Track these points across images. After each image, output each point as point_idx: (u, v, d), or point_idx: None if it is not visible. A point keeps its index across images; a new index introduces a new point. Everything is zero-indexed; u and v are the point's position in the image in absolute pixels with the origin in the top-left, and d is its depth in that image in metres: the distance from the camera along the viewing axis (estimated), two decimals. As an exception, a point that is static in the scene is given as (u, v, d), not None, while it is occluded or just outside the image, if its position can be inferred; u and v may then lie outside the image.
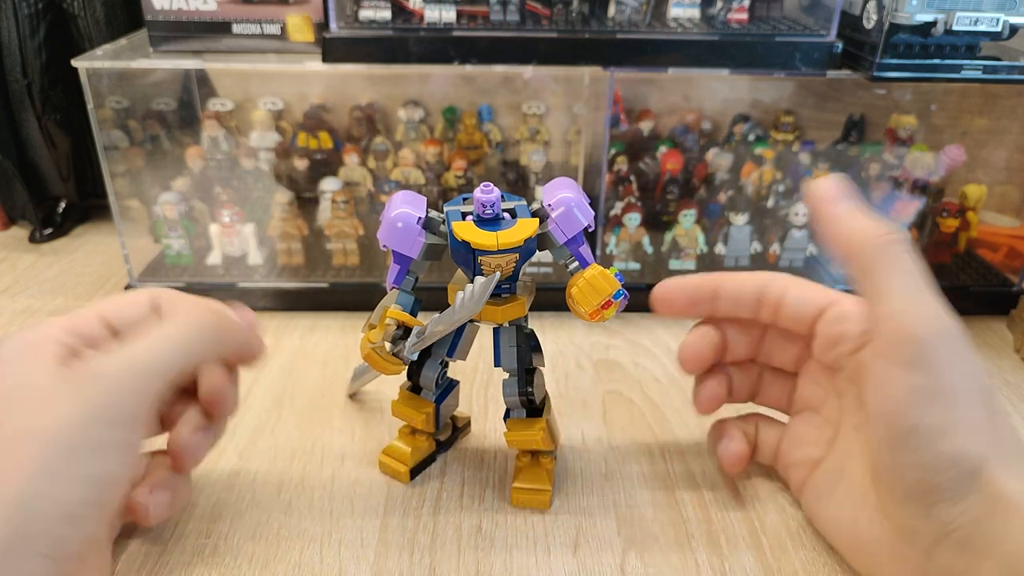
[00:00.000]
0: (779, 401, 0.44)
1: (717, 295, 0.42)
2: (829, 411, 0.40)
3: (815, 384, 0.41)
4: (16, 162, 0.71)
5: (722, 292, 0.42)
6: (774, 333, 0.43)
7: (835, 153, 0.67)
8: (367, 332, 0.38)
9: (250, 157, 0.66)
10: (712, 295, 0.42)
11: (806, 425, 0.42)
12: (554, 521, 0.42)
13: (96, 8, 0.67)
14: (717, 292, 0.42)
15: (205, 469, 0.45)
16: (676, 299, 0.42)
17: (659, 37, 0.56)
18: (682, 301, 0.42)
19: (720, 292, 0.42)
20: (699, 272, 0.57)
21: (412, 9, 0.57)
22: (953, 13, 0.51)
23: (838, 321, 0.39)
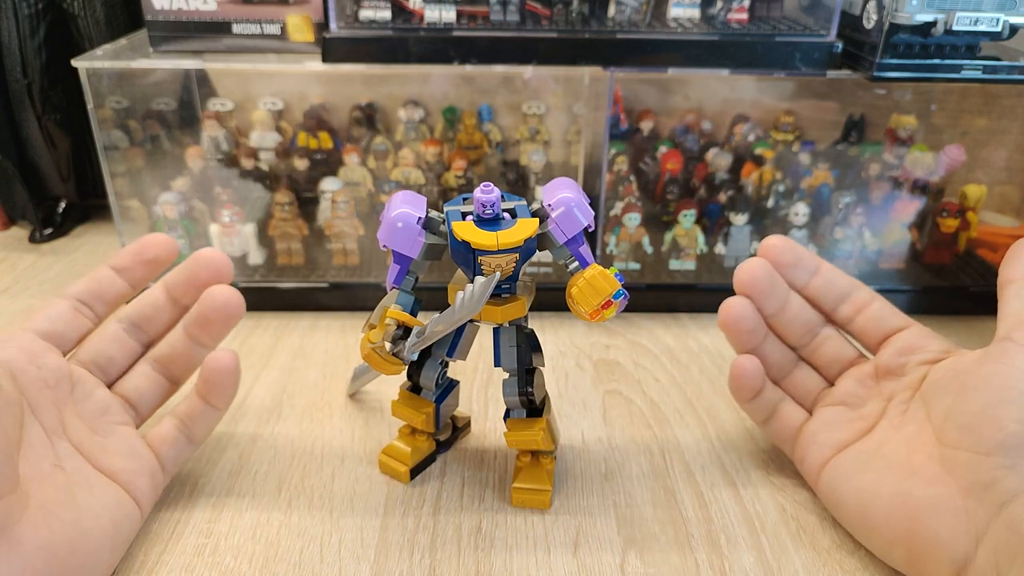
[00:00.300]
0: (806, 394, 0.46)
1: (818, 271, 0.45)
2: (869, 411, 0.43)
3: (860, 385, 0.44)
4: (16, 162, 0.71)
5: (822, 270, 0.45)
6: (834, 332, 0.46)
7: (835, 153, 0.67)
8: (367, 332, 0.38)
9: (250, 157, 0.66)
10: (814, 268, 0.45)
11: (838, 415, 0.43)
12: (554, 521, 0.42)
13: (96, 8, 0.67)
14: (819, 268, 0.45)
15: (205, 469, 0.45)
16: (786, 254, 0.45)
17: (659, 37, 0.56)
18: (790, 256, 0.45)
19: (821, 270, 0.45)
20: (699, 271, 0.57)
21: (412, 9, 0.57)
22: (953, 13, 0.51)
23: (921, 337, 0.43)
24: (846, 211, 0.65)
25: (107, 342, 0.42)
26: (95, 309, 0.42)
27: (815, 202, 0.65)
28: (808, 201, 0.64)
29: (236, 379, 0.44)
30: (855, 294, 0.45)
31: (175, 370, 0.44)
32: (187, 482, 0.44)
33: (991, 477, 0.35)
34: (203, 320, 0.43)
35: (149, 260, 0.44)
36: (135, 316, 0.43)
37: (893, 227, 0.66)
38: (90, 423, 0.39)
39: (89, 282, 0.43)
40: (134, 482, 0.39)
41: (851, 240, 0.65)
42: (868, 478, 0.40)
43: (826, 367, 0.46)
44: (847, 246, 0.65)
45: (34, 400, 0.37)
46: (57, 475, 0.36)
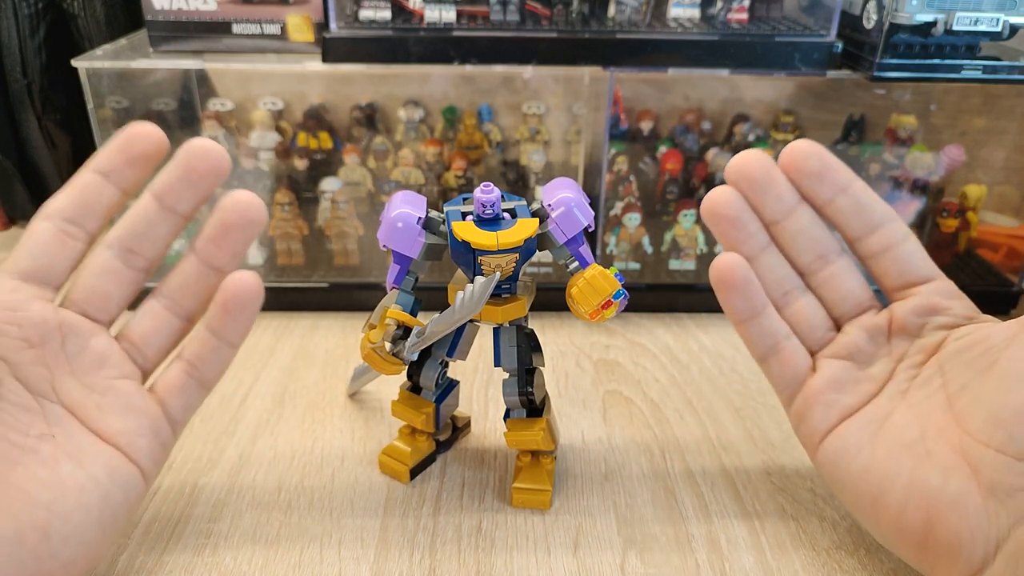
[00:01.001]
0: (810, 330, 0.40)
1: (848, 189, 0.39)
2: (877, 370, 0.39)
3: (870, 339, 0.39)
4: (16, 162, 0.71)
5: (852, 190, 0.39)
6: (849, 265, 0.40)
7: (835, 153, 0.67)
8: (367, 332, 0.38)
9: (250, 157, 0.66)
10: (844, 185, 0.39)
11: (846, 373, 0.39)
12: (554, 521, 0.42)
13: (96, 8, 0.67)
14: (850, 186, 0.39)
15: (205, 469, 0.45)
16: (810, 160, 0.39)
17: (659, 37, 0.56)
18: (815, 163, 0.39)
19: (851, 189, 0.39)
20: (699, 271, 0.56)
21: (412, 9, 0.57)
22: (953, 13, 0.51)
23: (945, 295, 0.38)
24: (846, 211, 0.65)
25: (99, 275, 0.36)
26: (86, 227, 0.36)
27: (815, 202, 0.65)
28: (808, 201, 0.64)
29: (257, 305, 0.38)
30: (887, 227, 0.39)
31: (186, 303, 0.38)
32: (187, 482, 0.44)
33: (1019, 483, 0.32)
34: (222, 231, 0.37)
35: (138, 156, 0.37)
36: (127, 238, 0.37)
37: (893, 227, 0.66)
38: (84, 380, 0.35)
39: (73, 193, 0.36)
40: (135, 443, 0.35)
41: (851, 240, 0.65)
42: (879, 457, 0.36)
43: (836, 304, 0.40)
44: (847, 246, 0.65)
45: (16, 363, 0.33)
46: (43, 447, 0.32)
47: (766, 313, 0.40)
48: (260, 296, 0.38)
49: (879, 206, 0.39)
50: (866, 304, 0.40)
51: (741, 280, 0.39)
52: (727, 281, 0.39)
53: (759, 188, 0.39)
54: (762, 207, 0.39)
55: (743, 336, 0.41)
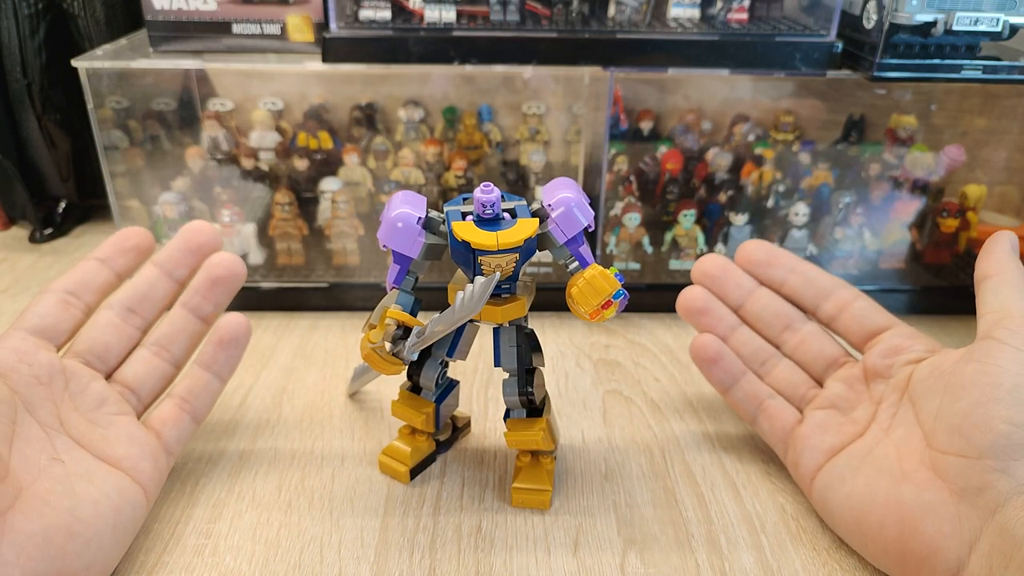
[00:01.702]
0: (793, 391, 0.46)
1: (795, 269, 0.47)
2: (859, 414, 0.43)
3: (849, 388, 0.44)
4: (16, 162, 0.71)
5: (799, 269, 0.47)
6: (816, 329, 0.46)
7: (835, 153, 0.67)
8: (367, 332, 0.38)
9: (250, 157, 0.66)
10: (790, 267, 0.47)
11: (830, 419, 0.43)
12: (554, 521, 0.42)
13: (96, 8, 0.67)
14: (795, 267, 0.47)
15: (205, 468, 0.45)
16: (758, 251, 0.48)
17: (659, 37, 0.56)
18: (762, 255, 0.47)
19: (798, 269, 0.47)
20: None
21: (412, 9, 0.57)
22: (953, 13, 0.51)
23: (905, 337, 0.43)
24: (846, 211, 0.65)
25: (101, 330, 0.42)
26: (83, 299, 0.42)
27: (815, 202, 0.65)
28: (808, 201, 0.64)
29: (246, 343, 0.45)
30: (837, 292, 0.46)
31: (175, 350, 0.44)
32: (187, 482, 0.44)
33: (983, 481, 0.34)
34: (209, 284, 0.44)
35: (130, 248, 0.44)
36: (128, 300, 0.43)
37: (893, 227, 0.66)
38: (88, 416, 0.39)
39: (74, 273, 0.43)
40: (137, 467, 0.39)
41: (851, 240, 0.65)
42: (860, 484, 0.39)
43: (811, 364, 0.46)
44: (847, 246, 0.65)
45: (28, 397, 0.37)
46: (55, 468, 0.36)
47: (746, 379, 0.46)
48: (249, 335, 0.45)
49: (825, 278, 0.46)
50: (840, 359, 0.45)
51: (714, 354, 0.46)
52: (703, 356, 0.47)
53: (719, 281, 0.48)
54: (725, 295, 0.47)
55: (731, 405, 0.47)
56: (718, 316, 0.47)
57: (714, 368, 0.47)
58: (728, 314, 0.47)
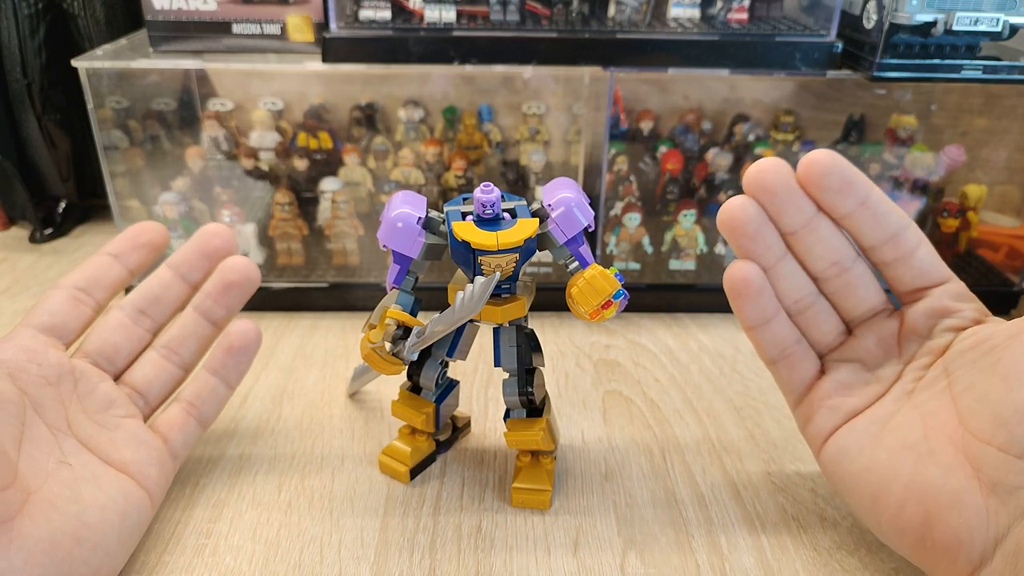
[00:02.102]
0: (820, 335, 0.41)
1: (867, 202, 0.38)
2: (886, 372, 0.39)
3: (880, 342, 0.40)
4: (16, 162, 0.71)
5: (871, 202, 0.38)
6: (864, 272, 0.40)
7: (835, 153, 0.67)
8: (367, 332, 0.38)
9: (250, 157, 0.66)
10: (863, 198, 0.38)
11: (854, 376, 0.40)
12: (554, 521, 0.42)
13: (96, 8, 0.67)
14: (868, 199, 0.38)
15: (205, 468, 0.45)
16: (831, 176, 0.38)
17: (659, 37, 0.56)
18: (836, 179, 0.38)
19: (870, 201, 0.38)
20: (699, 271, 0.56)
21: (412, 9, 0.57)
22: (953, 13, 0.51)
23: (956, 298, 0.39)
24: (846, 211, 0.65)
25: (111, 331, 0.42)
26: (95, 296, 0.42)
27: (815, 202, 0.65)
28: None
29: (256, 351, 0.44)
30: (902, 235, 0.39)
31: (184, 354, 0.43)
32: (187, 482, 0.44)
33: (1020, 481, 0.32)
34: (223, 288, 0.43)
35: (144, 244, 0.43)
36: (139, 301, 0.43)
37: (893, 227, 0.66)
38: (95, 418, 0.39)
39: (85, 269, 0.42)
40: (143, 471, 0.39)
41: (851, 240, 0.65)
42: (881, 456, 0.36)
43: (849, 309, 0.41)
44: (847, 246, 0.65)
45: (36, 398, 0.37)
46: (63, 471, 0.35)
47: (777, 320, 0.40)
48: (259, 342, 0.45)
49: (895, 215, 0.39)
50: (879, 308, 0.40)
51: (755, 290, 0.39)
52: (740, 291, 0.40)
53: (778, 201, 0.38)
54: (780, 219, 0.39)
55: (753, 341, 0.41)
56: (766, 244, 0.39)
57: (749, 305, 0.40)
58: (776, 241, 0.39)
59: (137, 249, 0.43)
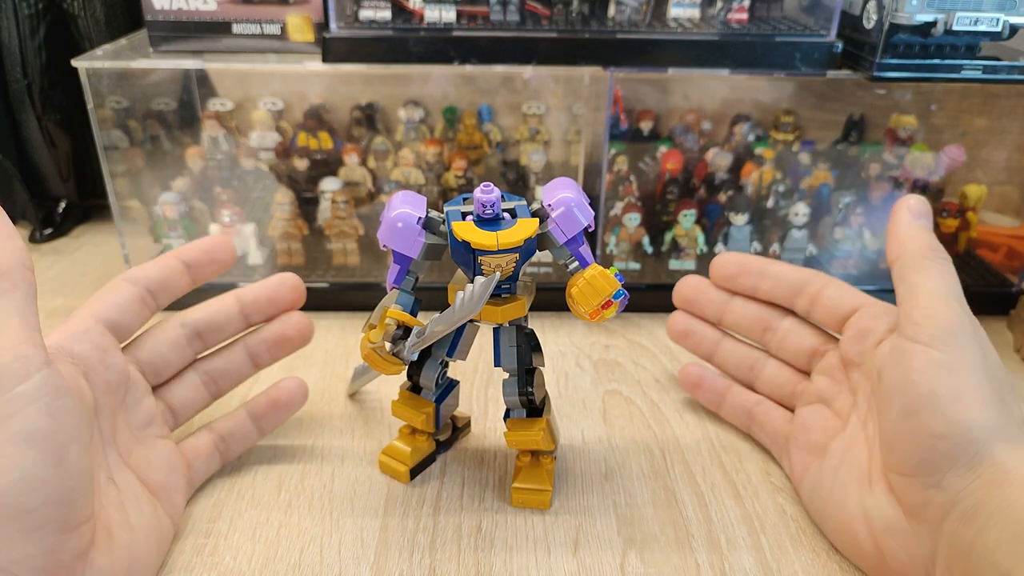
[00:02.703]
0: (781, 391, 0.46)
1: (764, 273, 0.47)
2: (840, 405, 0.42)
3: (831, 379, 0.43)
4: (16, 162, 0.71)
5: (769, 272, 0.47)
6: (794, 324, 0.46)
7: (835, 153, 0.67)
8: (367, 332, 0.38)
9: (250, 157, 0.66)
10: (760, 272, 0.47)
11: (815, 415, 0.43)
12: (554, 521, 0.42)
13: (96, 8, 0.67)
14: (765, 271, 0.47)
15: (205, 469, 0.45)
16: (728, 264, 0.48)
17: (659, 37, 0.56)
18: (733, 268, 0.48)
19: (767, 272, 0.47)
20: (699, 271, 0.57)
21: (412, 9, 0.57)
22: (953, 13, 0.51)
23: (871, 317, 0.41)
24: (846, 211, 0.65)
25: (168, 346, 0.41)
26: (159, 300, 0.41)
27: (815, 202, 0.65)
28: (808, 201, 0.64)
29: (298, 410, 0.46)
30: (808, 286, 0.45)
31: (223, 384, 0.44)
32: (187, 482, 0.44)
33: (923, 497, 0.34)
34: (278, 340, 0.44)
35: (218, 261, 0.43)
36: (201, 324, 0.42)
37: (893, 227, 0.66)
38: (136, 433, 0.38)
39: (161, 270, 0.41)
40: (171, 499, 0.38)
41: (851, 240, 0.65)
42: (836, 490, 0.39)
43: (795, 359, 0.46)
44: (847, 246, 0.65)
45: (99, 405, 0.35)
46: (111, 490, 0.35)
47: (731, 393, 0.48)
48: (304, 402, 0.46)
49: (795, 273, 0.46)
50: (820, 349, 0.45)
51: (696, 378, 0.50)
52: (686, 384, 0.50)
53: (694, 303, 0.50)
54: (704, 314, 0.49)
55: (724, 417, 0.49)
56: (700, 335, 0.49)
57: (699, 391, 0.50)
58: (710, 331, 0.49)
59: (211, 264, 0.43)
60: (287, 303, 0.45)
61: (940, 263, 0.38)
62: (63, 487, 0.29)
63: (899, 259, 0.39)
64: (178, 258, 0.42)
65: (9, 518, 0.28)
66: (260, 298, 0.44)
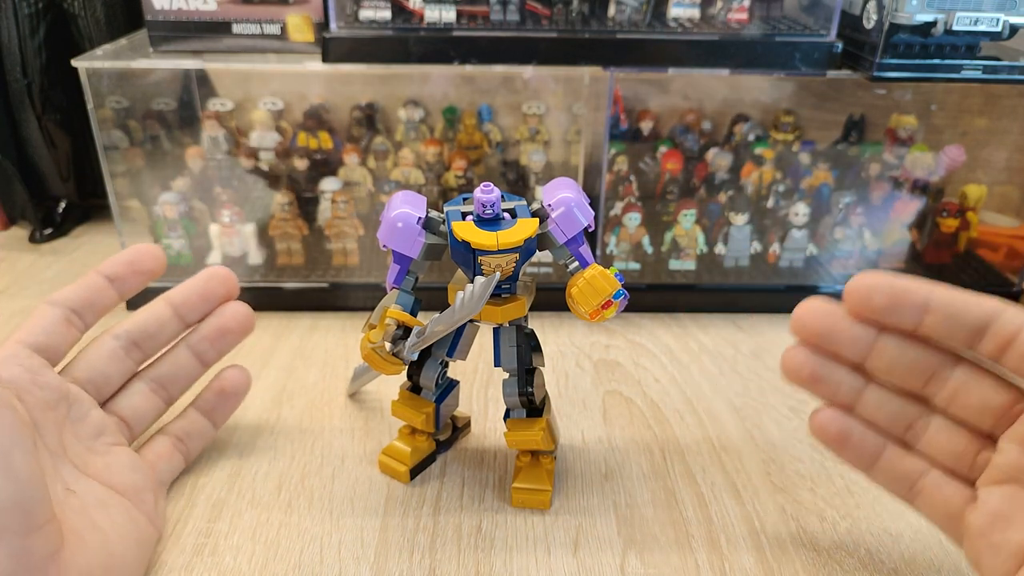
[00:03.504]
0: (957, 459, 0.35)
1: (928, 306, 0.33)
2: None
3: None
4: (16, 162, 0.71)
5: (935, 304, 0.33)
6: (972, 373, 0.34)
7: (835, 153, 0.67)
8: (367, 332, 0.38)
9: (250, 157, 0.66)
10: (923, 304, 0.33)
11: (1010, 502, 0.32)
12: (554, 521, 0.42)
13: (96, 8, 0.67)
14: (929, 302, 0.33)
15: (205, 468, 0.45)
16: (876, 293, 0.34)
17: (659, 37, 0.56)
18: (883, 298, 0.34)
19: (933, 303, 0.33)
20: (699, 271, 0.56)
21: (412, 9, 0.57)
22: (953, 13, 0.51)
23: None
24: (846, 211, 0.65)
25: (104, 360, 0.41)
26: (85, 319, 0.41)
27: (815, 202, 0.65)
28: (808, 201, 0.64)
29: (244, 396, 0.46)
30: (996, 324, 0.32)
31: (173, 389, 0.44)
32: (187, 482, 0.44)
33: None
34: (219, 334, 0.44)
35: (143, 272, 0.42)
36: (135, 334, 0.42)
37: (893, 227, 0.66)
38: (87, 444, 0.38)
39: (81, 290, 0.41)
40: (141, 496, 0.38)
41: (851, 240, 0.65)
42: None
43: (975, 419, 0.34)
44: (847, 246, 0.65)
45: (39, 422, 0.36)
46: (71, 499, 0.35)
47: (887, 455, 0.36)
48: (249, 387, 0.46)
49: (976, 306, 0.33)
50: (1015, 408, 0.33)
51: (838, 434, 0.37)
52: (825, 439, 0.37)
53: (827, 339, 0.36)
54: (839, 350, 0.36)
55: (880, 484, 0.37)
56: (835, 382, 0.36)
57: (844, 449, 0.37)
58: (847, 375, 0.36)
59: (135, 276, 0.42)
60: (219, 297, 0.44)
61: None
62: (15, 492, 0.30)
63: None
64: (100, 274, 0.42)
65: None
66: (191, 297, 0.44)
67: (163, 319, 0.43)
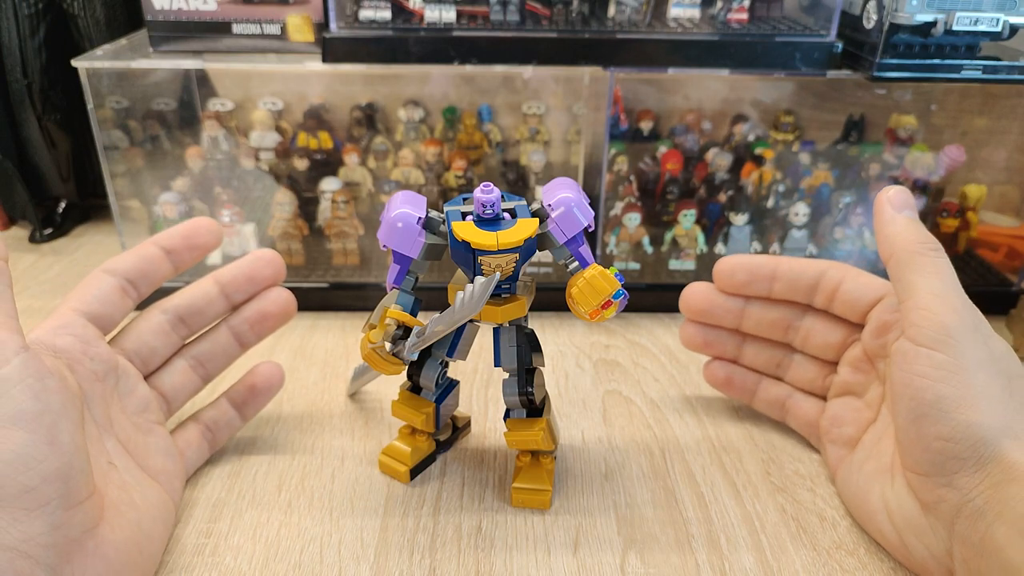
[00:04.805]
0: (812, 383, 0.46)
1: (775, 275, 0.45)
2: (871, 397, 0.42)
3: (858, 371, 0.43)
4: (16, 162, 0.71)
5: (780, 273, 0.45)
6: (816, 319, 0.45)
7: (835, 153, 0.67)
8: (367, 332, 0.38)
9: (250, 157, 0.66)
10: (771, 275, 0.45)
11: (846, 408, 0.43)
12: (554, 521, 0.42)
13: (96, 8, 0.67)
14: (776, 272, 0.45)
15: (205, 468, 0.45)
16: (737, 272, 0.46)
17: (659, 37, 0.56)
18: (742, 275, 0.46)
19: (778, 273, 0.45)
20: (699, 271, 0.57)
21: (412, 9, 0.57)
22: (953, 13, 0.51)
23: (891, 310, 0.41)
24: (846, 211, 0.65)
25: (152, 334, 0.41)
26: (139, 290, 0.41)
27: (815, 202, 0.65)
28: (808, 201, 0.64)
29: (276, 393, 0.46)
30: (823, 280, 0.44)
31: (211, 369, 0.44)
32: (187, 482, 0.44)
33: (936, 496, 0.34)
34: (259, 317, 0.44)
35: (199, 246, 0.42)
36: (183, 310, 0.42)
37: (893, 227, 0.66)
38: (133, 419, 0.38)
39: (137, 260, 0.41)
40: (172, 483, 0.39)
41: (851, 240, 0.65)
42: (863, 483, 0.40)
43: (822, 353, 0.46)
44: (847, 246, 0.65)
45: (88, 394, 0.36)
46: (112, 473, 0.35)
47: (762, 386, 0.48)
48: (282, 384, 0.46)
49: (808, 271, 0.45)
50: (847, 341, 0.44)
51: (724, 377, 0.49)
52: (714, 383, 0.49)
53: (707, 314, 0.48)
54: (719, 322, 0.48)
55: (762, 412, 0.49)
56: (721, 344, 0.48)
57: (729, 388, 0.49)
58: (728, 337, 0.48)
59: (191, 250, 0.42)
60: (266, 279, 0.45)
61: (933, 256, 0.37)
62: (60, 464, 0.30)
63: (892, 258, 0.38)
64: (157, 245, 0.41)
65: (11, 498, 0.29)
66: (238, 277, 0.44)
67: (211, 296, 0.43)
